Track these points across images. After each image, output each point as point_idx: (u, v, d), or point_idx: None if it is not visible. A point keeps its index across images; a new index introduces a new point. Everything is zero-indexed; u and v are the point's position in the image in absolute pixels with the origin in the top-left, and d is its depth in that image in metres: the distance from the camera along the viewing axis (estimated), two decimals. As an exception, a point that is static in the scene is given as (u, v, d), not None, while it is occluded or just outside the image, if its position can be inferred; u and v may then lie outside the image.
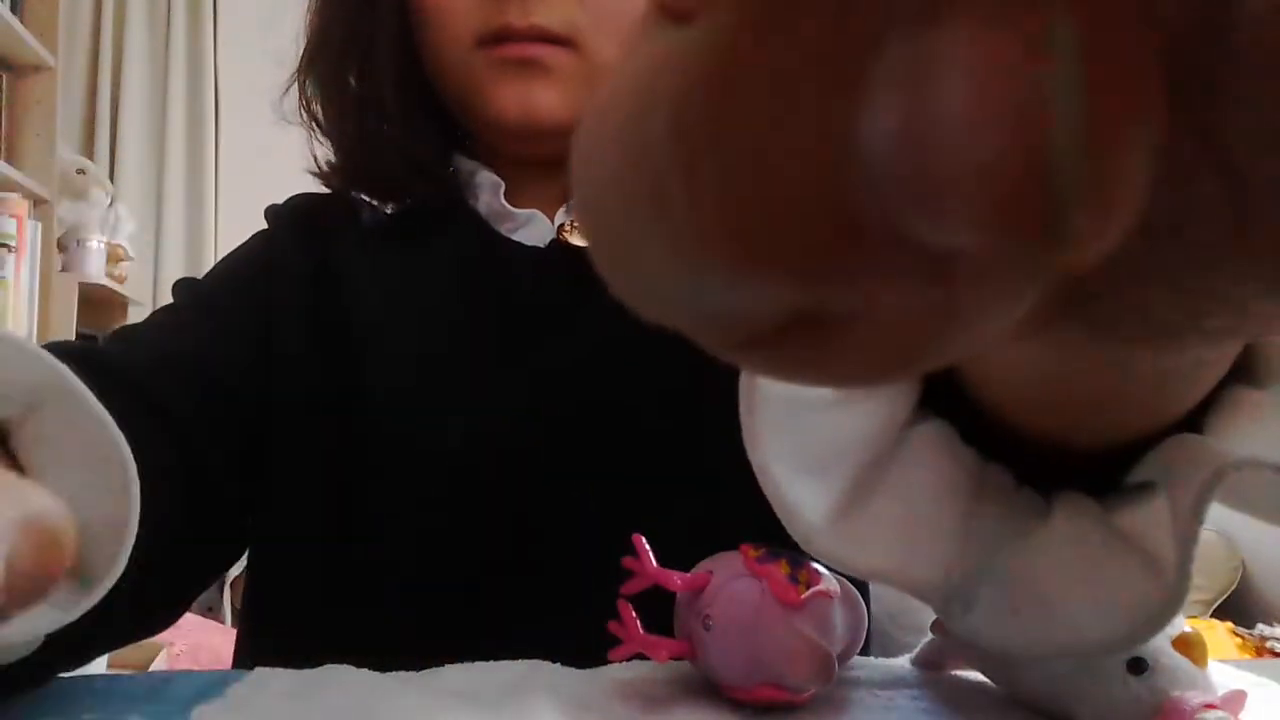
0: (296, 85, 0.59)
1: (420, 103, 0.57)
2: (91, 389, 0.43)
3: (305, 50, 0.59)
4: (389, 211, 0.60)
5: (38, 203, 2.31)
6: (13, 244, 2.18)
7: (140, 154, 2.79)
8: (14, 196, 2.20)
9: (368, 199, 0.61)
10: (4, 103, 2.24)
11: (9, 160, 2.21)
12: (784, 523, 0.25)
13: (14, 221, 2.19)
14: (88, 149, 2.74)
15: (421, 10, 0.54)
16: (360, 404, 0.51)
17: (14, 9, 2.20)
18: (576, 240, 0.55)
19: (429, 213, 0.58)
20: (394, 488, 0.50)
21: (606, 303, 0.51)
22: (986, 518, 0.25)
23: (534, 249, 0.56)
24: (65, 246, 2.37)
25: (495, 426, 0.51)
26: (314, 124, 0.59)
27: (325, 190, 0.61)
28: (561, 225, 0.56)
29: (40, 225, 2.29)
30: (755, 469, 0.25)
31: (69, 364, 0.44)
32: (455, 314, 0.54)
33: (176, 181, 2.80)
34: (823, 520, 0.25)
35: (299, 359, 0.52)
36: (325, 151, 0.60)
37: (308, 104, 0.59)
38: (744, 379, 0.25)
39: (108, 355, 0.47)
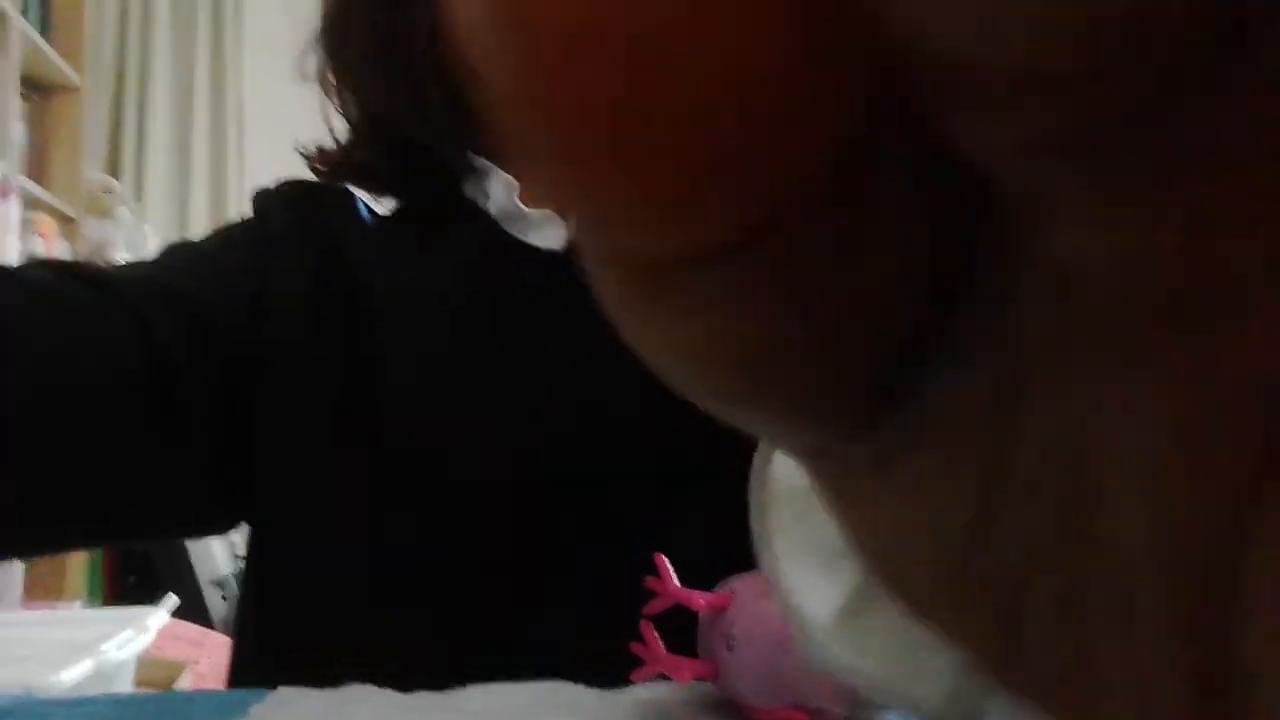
0: (318, 59, 0.58)
1: (445, 94, 0.55)
2: (75, 292, 0.46)
3: (328, 6, 0.57)
4: (388, 209, 0.59)
5: (65, 221, 2.34)
6: (40, 263, 2.21)
7: (165, 173, 2.82)
8: (42, 216, 2.23)
9: (368, 192, 0.59)
10: (32, 123, 2.28)
11: (37, 180, 2.24)
12: (792, 628, 0.24)
13: (42, 240, 2.22)
14: (114, 169, 2.77)
15: None
16: (377, 410, 0.51)
17: (42, 31, 2.23)
18: None
19: (437, 209, 0.57)
20: (409, 498, 0.50)
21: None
22: None
23: (549, 253, 0.55)
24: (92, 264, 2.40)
25: (512, 433, 0.51)
26: (333, 83, 0.57)
27: (313, 178, 0.59)
28: None
29: (68, 244, 2.32)
30: (766, 571, 0.24)
31: (54, 273, 0.46)
32: (473, 318, 0.54)
33: (200, 200, 2.83)
34: (829, 621, 0.24)
35: (306, 359, 0.52)
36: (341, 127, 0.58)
37: (328, 61, 0.58)
38: (754, 479, 0.24)
39: (101, 271, 0.49)
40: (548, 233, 0.56)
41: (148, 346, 0.47)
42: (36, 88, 2.31)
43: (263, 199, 0.58)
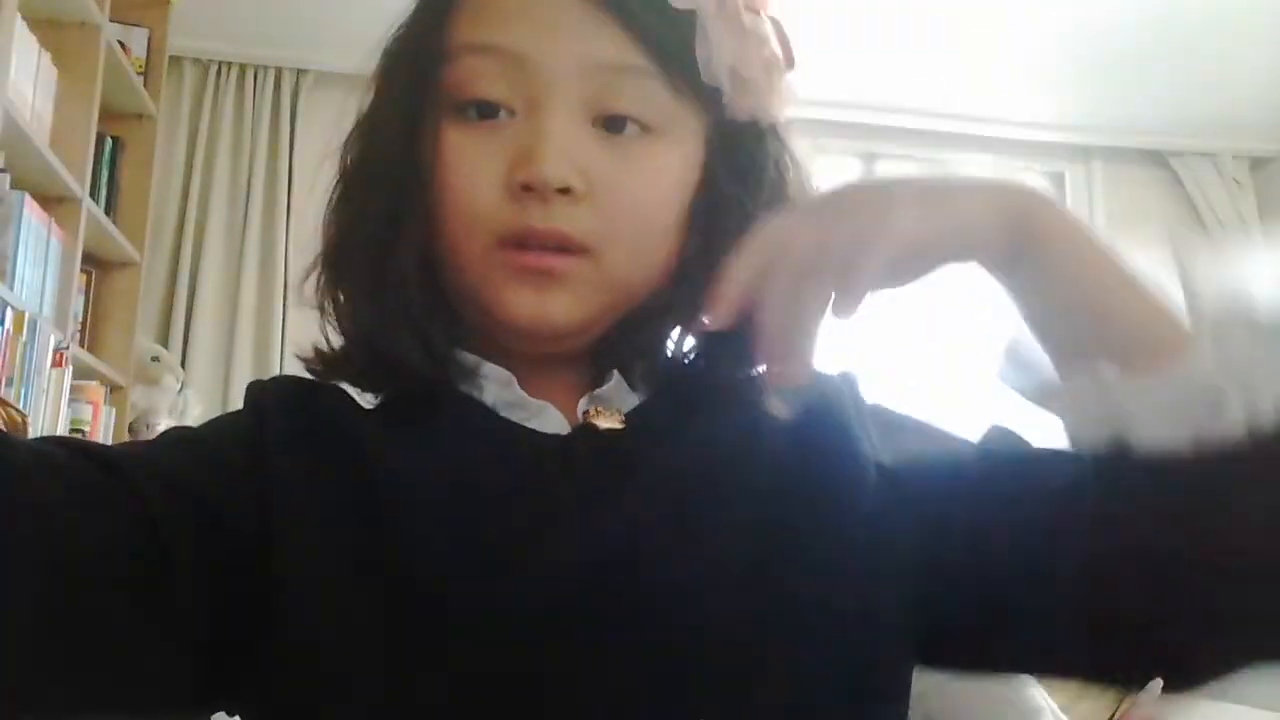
0: (316, 272, 0.60)
1: (435, 296, 0.57)
2: (80, 469, 0.47)
3: (327, 241, 0.61)
4: (381, 400, 0.59)
5: (114, 389, 2.44)
6: (87, 429, 2.28)
7: (212, 345, 2.94)
8: (92, 384, 2.33)
9: (362, 390, 0.60)
10: (90, 295, 2.41)
11: (90, 348, 2.35)
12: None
13: (90, 407, 2.31)
14: (163, 339, 2.89)
15: (447, 205, 0.55)
16: (395, 596, 0.50)
17: (107, 210, 2.40)
18: (602, 423, 0.55)
19: (432, 400, 0.56)
20: (419, 672, 0.48)
21: (638, 489, 0.56)
22: None
23: (554, 436, 0.55)
24: (136, 430, 2.48)
25: (536, 621, 0.49)
26: (330, 308, 0.60)
27: (309, 375, 0.60)
28: (586, 411, 0.56)
29: (114, 410, 2.41)
30: None
31: (65, 450, 0.48)
32: (480, 496, 0.53)
33: (243, 373, 2.93)
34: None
35: (310, 534, 0.51)
36: (337, 338, 0.60)
37: (326, 288, 0.60)
38: None
39: (108, 451, 0.50)
40: (548, 418, 0.56)
41: (149, 531, 0.47)
42: (98, 263, 2.45)
43: (257, 389, 0.59)
